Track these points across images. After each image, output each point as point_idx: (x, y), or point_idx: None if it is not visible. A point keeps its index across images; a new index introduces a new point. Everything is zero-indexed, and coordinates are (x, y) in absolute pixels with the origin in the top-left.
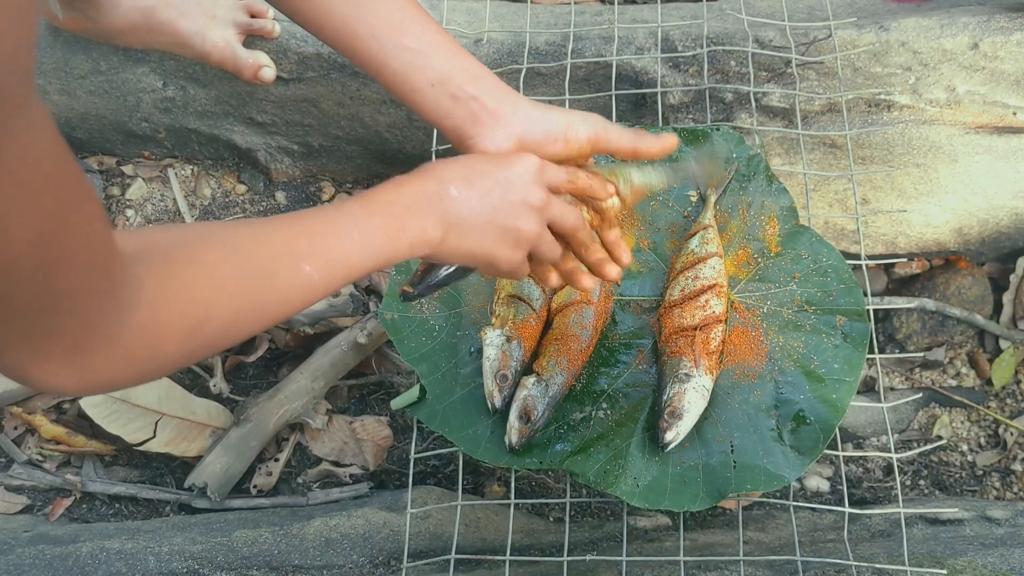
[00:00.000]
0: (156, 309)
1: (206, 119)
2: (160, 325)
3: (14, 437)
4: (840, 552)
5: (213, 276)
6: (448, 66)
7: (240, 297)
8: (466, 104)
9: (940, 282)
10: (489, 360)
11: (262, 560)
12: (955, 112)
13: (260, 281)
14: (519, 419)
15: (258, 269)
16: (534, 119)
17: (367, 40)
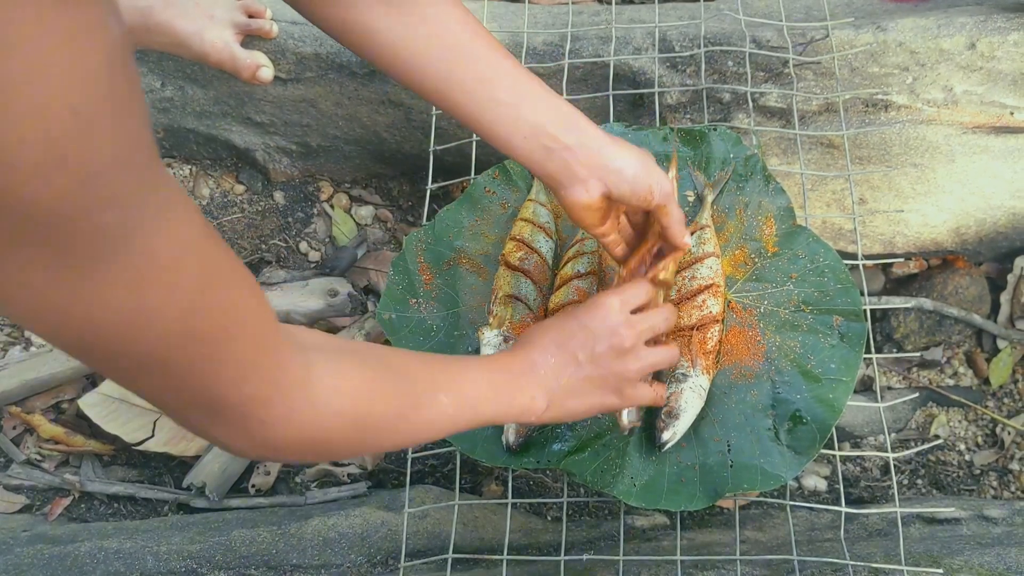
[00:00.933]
0: (329, 392)
1: (204, 119)
2: (331, 408)
3: (13, 437)
4: (837, 551)
5: (375, 381)
6: (540, 117)
7: (396, 404)
8: (559, 155)
9: (938, 282)
10: None
11: (260, 559)
12: (952, 112)
13: (407, 398)
14: None
15: (407, 387)
16: (628, 178)
17: (461, 96)
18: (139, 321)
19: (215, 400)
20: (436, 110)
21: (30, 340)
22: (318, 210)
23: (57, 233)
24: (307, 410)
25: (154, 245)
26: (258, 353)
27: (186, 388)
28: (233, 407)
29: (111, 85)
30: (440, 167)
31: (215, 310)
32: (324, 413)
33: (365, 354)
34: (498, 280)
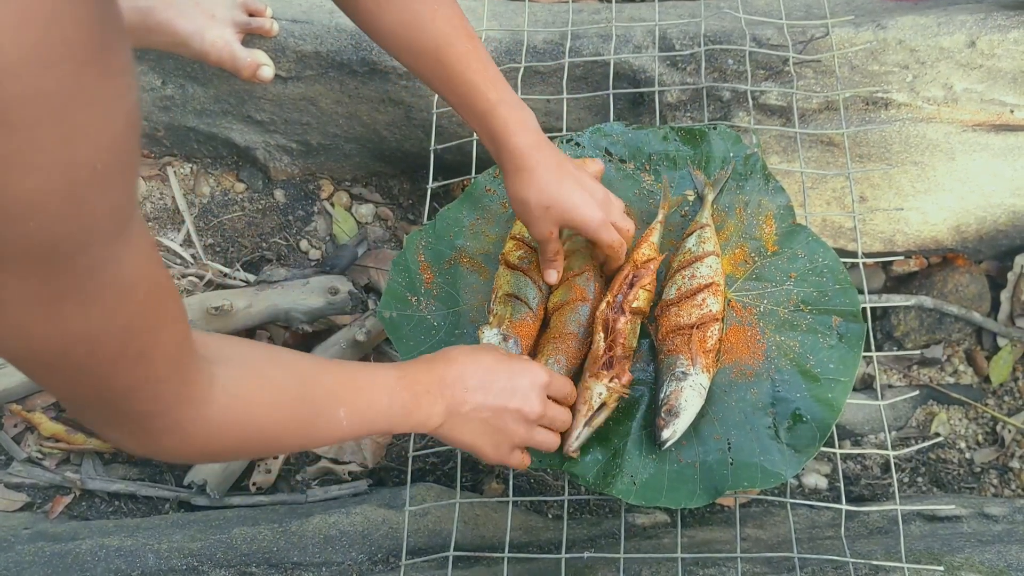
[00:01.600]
0: (224, 407)
1: (205, 118)
2: (224, 421)
3: (14, 435)
4: (838, 549)
5: (275, 393)
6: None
7: (290, 418)
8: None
9: (938, 280)
10: None
11: (261, 557)
12: (952, 110)
13: (307, 409)
14: None
15: (309, 399)
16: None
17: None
18: (82, 342)
19: (117, 406)
20: (437, 109)
21: None
22: (318, 208)
23: (51, 266)
24: (198, 423)
25: (119, 273)
26: (170, 368)
27: (93, 391)
28: (132, 415)
29: (126, 145)
30: (441, 165)
31: (149, 329)
32: (214, 426)
33: (272, 365)
34: (498, 279)
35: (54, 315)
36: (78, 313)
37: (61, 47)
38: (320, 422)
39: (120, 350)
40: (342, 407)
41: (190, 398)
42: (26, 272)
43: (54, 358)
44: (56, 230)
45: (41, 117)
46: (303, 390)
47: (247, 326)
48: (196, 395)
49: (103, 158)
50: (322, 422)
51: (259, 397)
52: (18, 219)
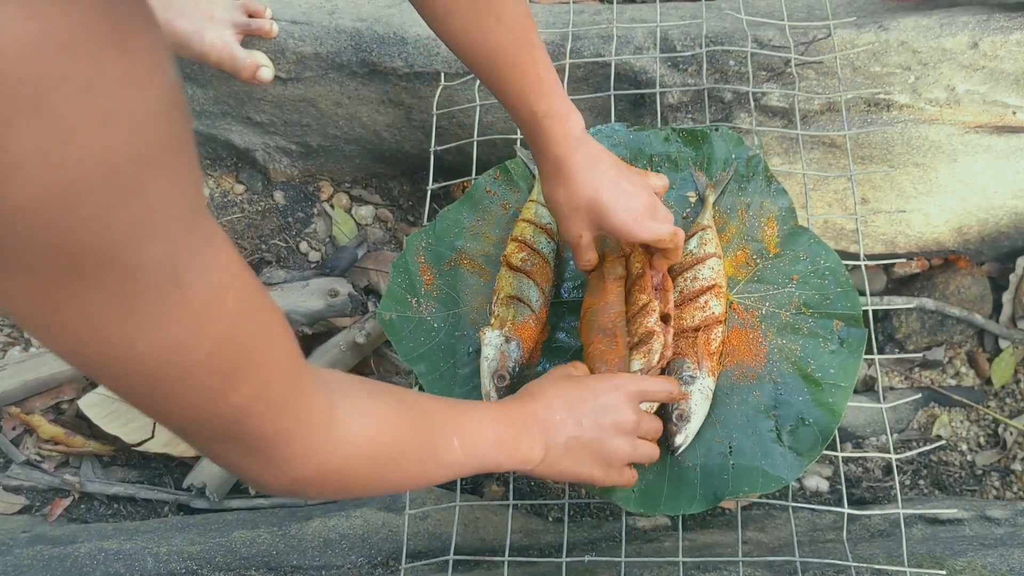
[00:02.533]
0: (351, 432)
1: (204, 119)
2: (353, 447)
3: (12, 437)
4: (839, 552)
5: (398, 421)
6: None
7: (413, 445)
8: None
9: (939, 282)
10: (487, 360)
11: (261, 560)
12: (955, 111)
13: (426, 440)
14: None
15: (426, 429)
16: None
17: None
18: (176, 353)
19: (244, 434)
20: (436, 110)
21: (30, 341)
22: (318, 210)
23: (107, 268)
24: (329, 449)
25: (197, 279)
26: (286, 389)
27: (215, 420)
28: (261, 441)
29: (168, 128)
30: (441, 167)
31: (247, 344)
32: (345, 452)
33: (386, 394)
34: (500, 281)
35: (137, 326)
36: (162, 322)
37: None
38: (439, 450)
39: (222, 365)
40: (455, 436)
41: (315, 422)
42: (94, 277)
43: (150, 378)
44: (107, 221)
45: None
46: (417, 416)
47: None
48: (321, 419)
49: (142, 140)
50: (440, 450)
51: (384, 424)
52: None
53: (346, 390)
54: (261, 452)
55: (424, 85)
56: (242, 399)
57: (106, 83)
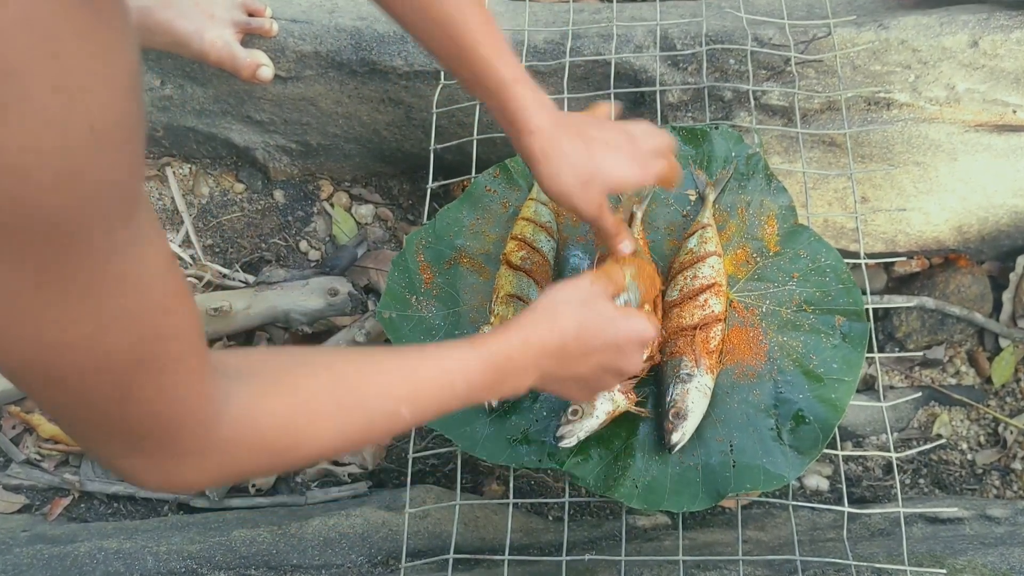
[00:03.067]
0: (239, 430)
1: (204, 118)
2: (239, 445)
3: (12, 436)
4: (839, 551)
5: (309, 407)
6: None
7: (332, 429)
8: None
9: (940, 280)
10: None
11: (260, 560)
12: (955, 110)
13: (355, 416)
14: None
15: (357, 406)
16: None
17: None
18: (99, 341)
19: (133, 429)
20: (436, 109)
21: None
22: (318, 209)
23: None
24: (213, 449)
25: (128, 268)
26: (192, 383)
27: (108, 411)
28: (150, 439)
29: (126, 107)
30: (440, 166)
31: (169, 336)
32: (231, 451)
33: (307, 375)
34: (500, 279)
35: (59, 313)
36: (86, 313)
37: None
38: (375, 424)
39: (138, 360)
40: (403, 405)
41: (205, 419)
42: (22, 255)
43: (62, 368)
44: (51, 201)
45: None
46: (348, 398)
47: (246, 327)
48: (211, 416)
49: (102, 118)
50: (377, 423)
51: (287, 414)
52: (9, 184)
53: (257, 381)
54: (150, 453)
55: (424, 84)
56: (145, 398)
57: (71, 54)
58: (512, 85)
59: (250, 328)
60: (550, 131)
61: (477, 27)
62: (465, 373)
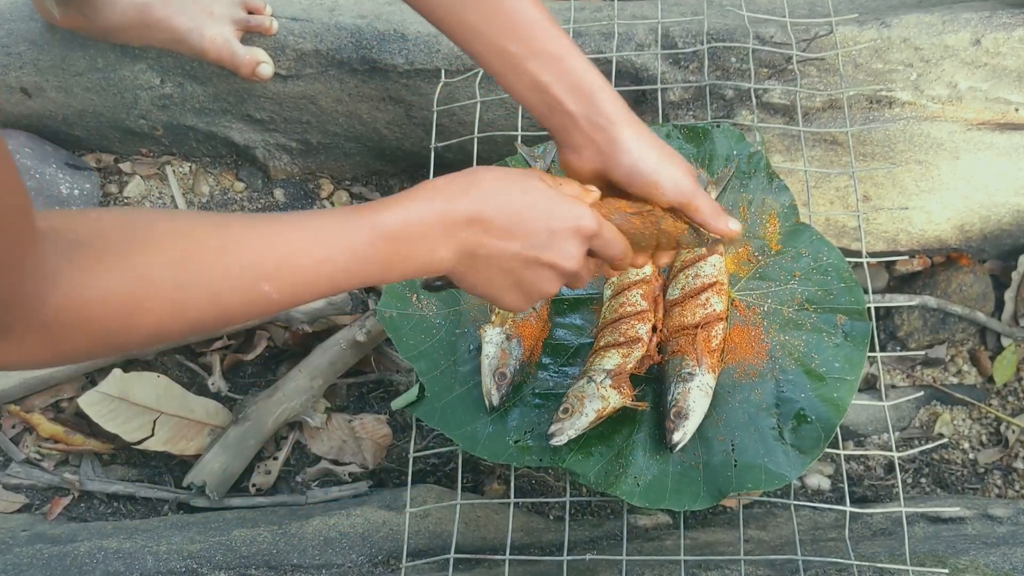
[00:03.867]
0: (67, 311)
1: (204, 116)
2: (66, 327)
3: (12, 436)
4: (841, 551)
5: (146, 285)
6: (546, 76)
7: (171, 310)
8: (560, 118)
9: (941, 279)
10: (488, 358)
11: (261, 559)
12: (957, 109)
13: (199, 294)
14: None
15: (202, 283)
16: (625, 165)
17: (473, 44)
18: None
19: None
20: (437, 107)
21: None
22: (318, 207)
23: None
24: (39, 327)
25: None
26: (13, 258)
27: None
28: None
29: None
30: (441, 164)
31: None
32: (57, 330)
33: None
34: None
35: None
36: None
37: None
38: (229, 303)
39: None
40: (265, 282)
41: (31, 297)
42: None
43: None
44: None
45: None
46: (192, 274)
47: (245, 326)
48: (36, 293)
49: None
50: (232, 302)
51: (119, 289)
52: None
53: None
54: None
55: (424, 82)
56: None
57: None
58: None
59: (249, 327)
60: (625, 110)
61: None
62: (348, 243)
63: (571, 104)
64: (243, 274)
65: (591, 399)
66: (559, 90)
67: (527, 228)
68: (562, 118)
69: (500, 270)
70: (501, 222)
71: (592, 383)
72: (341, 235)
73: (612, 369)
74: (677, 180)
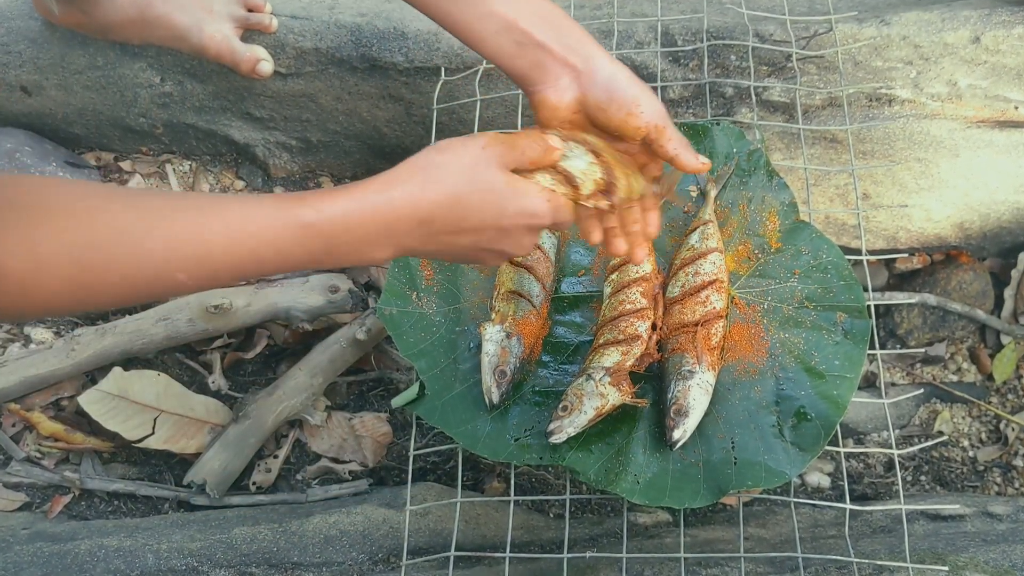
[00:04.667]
0: None
1: (204, 114)
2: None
3: (12, 434)
4: (841, 548)
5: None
6: (512, 12)
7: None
8: (531, 52)
9: (941, 277)
10: (488, 356)
11: (261, 557)
12: (956, 106)
13: (114, 276)
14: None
15: (118, 266)
16: (602, 80)
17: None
18: None
19: None
20: (437, 104)
21: (29, 337)
22: None
23: None
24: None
25: None
26: None
27: None
28: None
29: None
30: None
31: None
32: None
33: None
34: (500, 276)
35: None
36: None
37: None
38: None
39: None
40: (182, 272)
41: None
42: None
43: None
44: None
45: None
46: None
47: (246, 324)
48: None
49: None
50: (144, 285)
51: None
52: None
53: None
54: None
55: (424, 80)
56: None
57: None
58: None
59: (250, 325)
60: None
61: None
62: (275, 240)
63: (541, 34)
64: (159, 264)
65: (590, 397)
66: (528, 23)
67: (478, 227)
68: (535, 52)
69: (447, 254)
70: (450, 223)
71: (591, 381)
72: (269, 230)
73: (611, 367)
74: (654, 101)
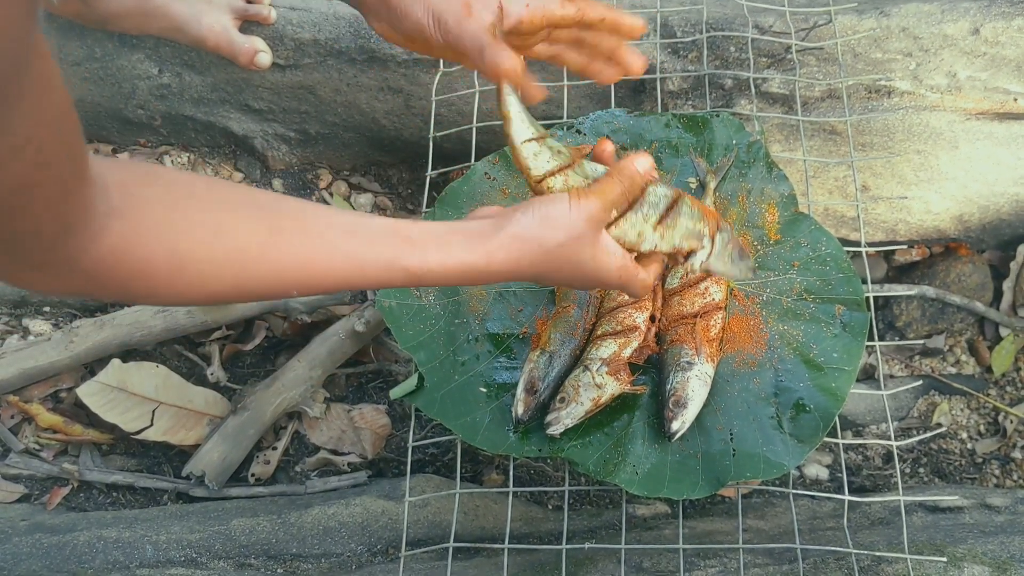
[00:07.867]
0: (101, 267)
1: (202, 106)
2: (100, 276)
3: (11, 426)
4: (840, 540)
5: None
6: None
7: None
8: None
9: (940, 269)
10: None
11: (260, 549)
12: (956, 98)
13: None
14: (525, 390)
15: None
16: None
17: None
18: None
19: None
20: (436, 96)
21: (28, 329)
22: (317, 198)
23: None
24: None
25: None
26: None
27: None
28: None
29: None
30: (439, 154)
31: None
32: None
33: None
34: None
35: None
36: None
37: None
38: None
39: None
40: (295, 289)
41: (74, 247)
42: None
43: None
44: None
45: None
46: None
47: (245, 316)
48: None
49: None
50: (257, 294)
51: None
52: None
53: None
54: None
55: (423, 72)
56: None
57: None
58: None
59: (249, 317)
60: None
61: None
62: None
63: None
64: (274, 281)
65: (586, 388)
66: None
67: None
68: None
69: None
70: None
71: (588, 372)
72: (374, 267)
73: (608, 357)
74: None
